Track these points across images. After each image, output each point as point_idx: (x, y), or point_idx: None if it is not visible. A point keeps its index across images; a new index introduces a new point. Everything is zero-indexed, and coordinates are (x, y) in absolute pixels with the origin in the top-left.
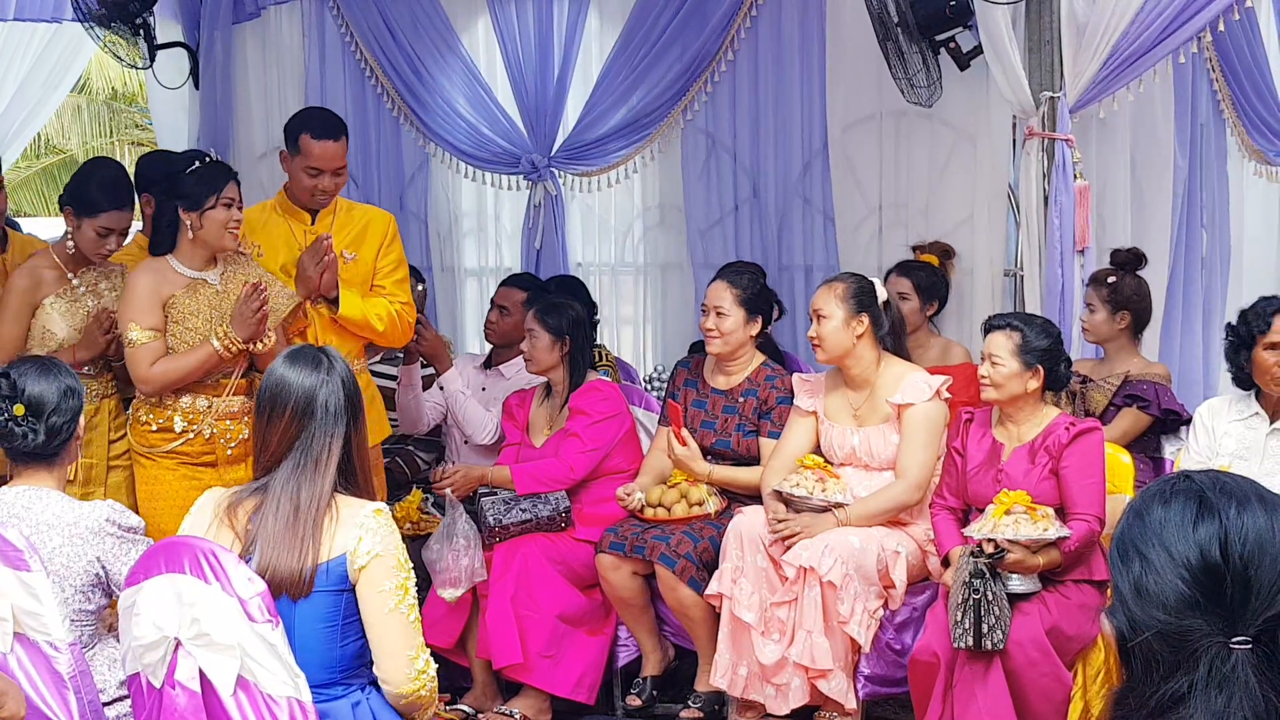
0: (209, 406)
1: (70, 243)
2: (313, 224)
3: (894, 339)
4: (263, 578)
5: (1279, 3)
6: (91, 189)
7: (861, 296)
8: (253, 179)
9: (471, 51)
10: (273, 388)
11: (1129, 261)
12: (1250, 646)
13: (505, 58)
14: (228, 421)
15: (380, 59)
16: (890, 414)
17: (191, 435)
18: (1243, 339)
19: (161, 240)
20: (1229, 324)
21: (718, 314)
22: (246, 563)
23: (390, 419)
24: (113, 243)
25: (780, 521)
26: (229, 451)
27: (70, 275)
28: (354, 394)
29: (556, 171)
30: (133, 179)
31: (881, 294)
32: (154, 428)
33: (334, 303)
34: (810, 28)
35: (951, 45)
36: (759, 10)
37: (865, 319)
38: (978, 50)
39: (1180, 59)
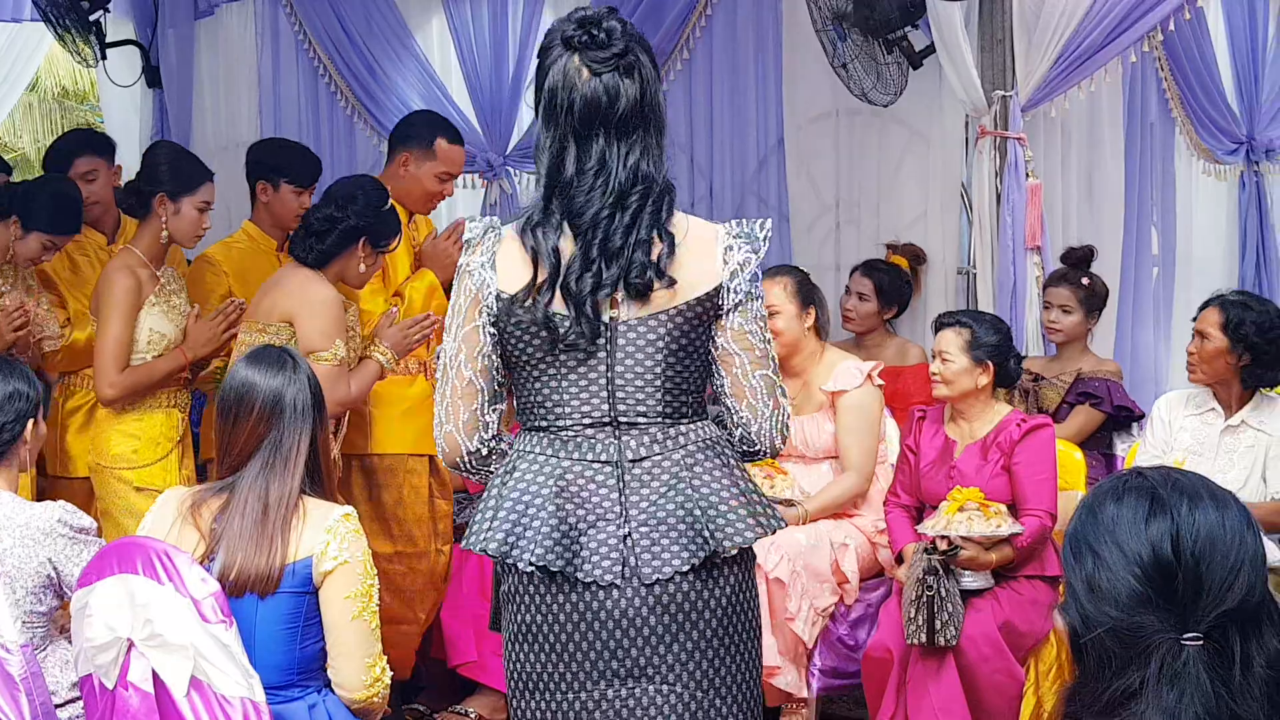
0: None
1: (164, 233)
2: (410, 223)
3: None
4: (227, 576)
5: (1228, 3)
6: (179, 166)
7: (806, 288)
8: None
9: (426, 50)
10: (238, 389)
11: (1083, 259)
12: (1201, 643)
13: (460, 56)
14: None
15: (334, 58)
16: (824, 402)
17: None
18: None
19: (324, 253)
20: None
21: None
22: (210, 562)
23: None
24: (208, 220)
25: None
26: None
27: (158, 273)
28: (318, 393)
29: (512, 170)
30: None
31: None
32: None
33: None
34: (765, 26)
35: (904, 44)
36: (714, 9)
37: (813, 312)
38: (930, 49)
39: (1131, 58)
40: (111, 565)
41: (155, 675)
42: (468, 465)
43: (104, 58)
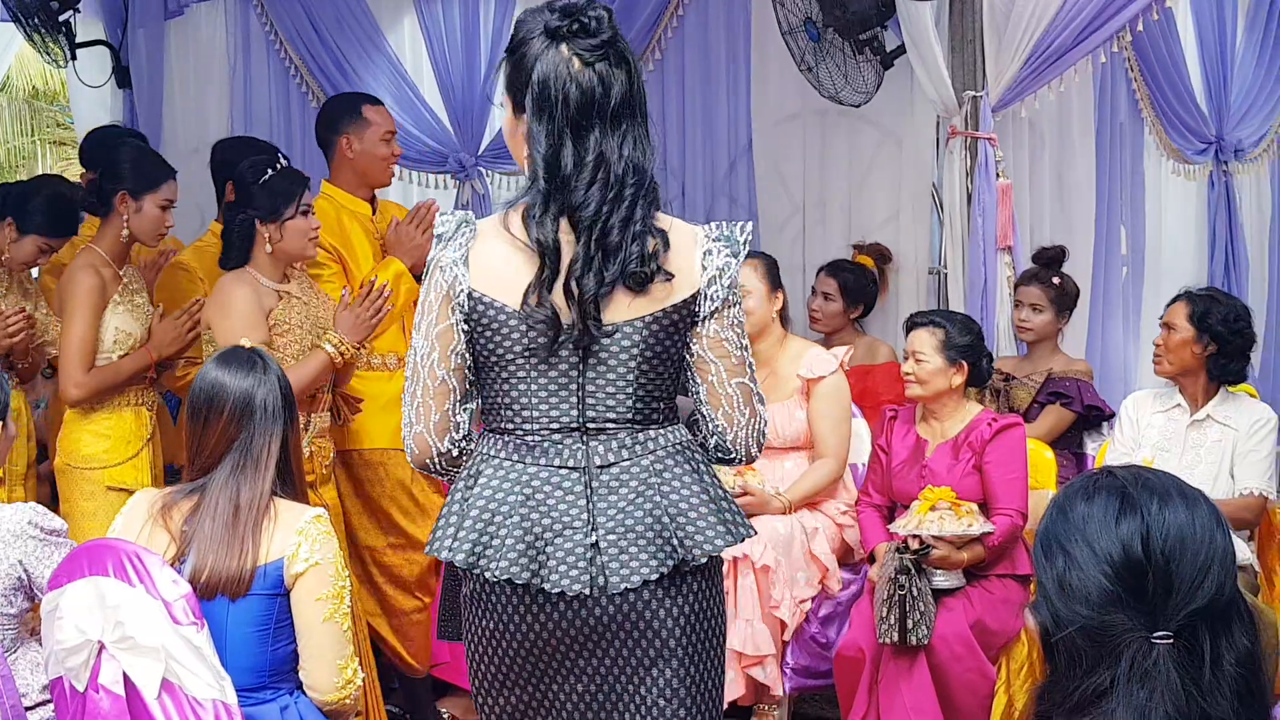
0: (306, 423)
1: (125, 232)
2: (374, 214)
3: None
4: (198, 579)
5: (1197, 3)
6: (142, 163)
7: (775, 273)
8: (180, 176)
9: (398, 50)
10: (208, 390)
11: (1054, 259)
12: (1171, 641)
13: (432, 56)
14: (321, 440)
15: (305, 57)
16: (795, 388)
17: None
18: None
19: (233, 254)
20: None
21: None
22: (181, 564)
23: None
24: (170, 218)
25: None
26: (324, 469)
27: (120, 272)
28: (289, 393)
29: (484, 170)
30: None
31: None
32: None
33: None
34: (736, 27)
35: (876, 44)
36: (685, 10)
37: (780, 295)
38: (901, 50)
39: (1100, 59)
40: (82, 567)
41: (126, 678)
42: (438, 466)
43: (74, 58)
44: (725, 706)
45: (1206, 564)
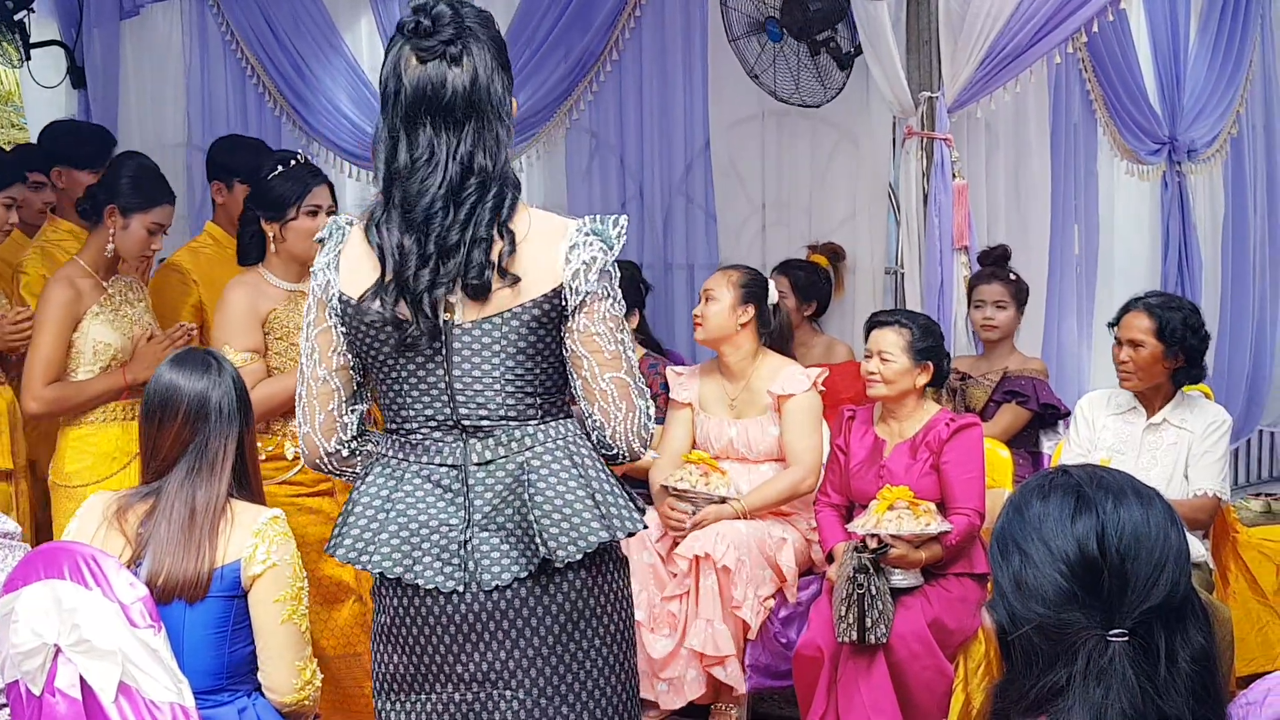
0: None
1: (110, 245)
2: None
3: (781, 341)
4: (155, 582)
5: (1150, 5)
6: (140, 182)
7: (753, 288)
8: None
9: (354, 50)
10: (162, 392)
11: (1001, 258)
12: (1127, 639)
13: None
14: None
15: (262, 58)
16: (768, 404)
17: (305, 463)
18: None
19: (247, 250)
20: (1109, 322)
21: None
22: (137, 567)
23: None
24: (159, 241)
25: (677, 514)
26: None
27: (104, 284)
28: (244, 395)
29: None
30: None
31: (773, 295)
32: (263, 456)
33: None
34: (693, 27)
35: (832, 45)
36: (643, 10)
37: (751, 309)
38: (858, 50)
39: (1055, 60)
40: (38, 570)
41: (83, 681)
42: (328, 466)
43: (28, 58)
44: (684, 704)
45: (1161, 562)
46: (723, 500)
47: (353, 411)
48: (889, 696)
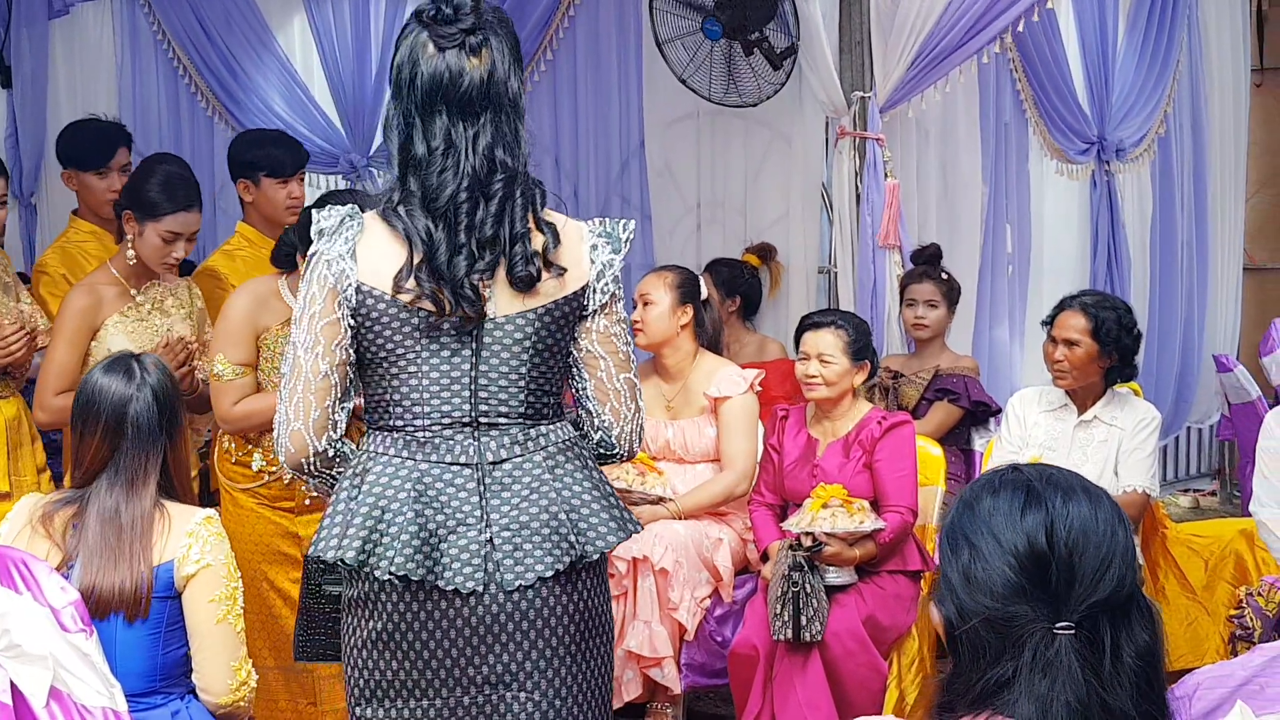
0: None
1: (131, 253)
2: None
3: (713, 337)
4: (88, 597)
5: (1079, 4)
6: (152, 188)
7: (688, 287)
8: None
9: (287, 50)
10: (86, 397)
11: (933, 257)
12: (1073, 632)
13: (322, 56)
14: None
15: (194, 57)
16: (704, 406)
17: (269, 478)
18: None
19: (278, 257)
20: (1043, 320)
21: None
22: (68, 571)
23: None
24: (180, 250)
25: None
26: (307, 501)
27: (133, 291)
28: (169, 404)
29: (376, 171)
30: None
31: (704, 291)
32: (234, 459)
33: None
34: (627, 28)
35: (765, 46)
36: (577, 10)
37: (690, 310)
38: (791, 50)
39: (984, 59)
40: None
41: (13, 686)
42: (313, 468)
43: None
44: (621, 705)
45: (1108, 557)
46: (659, 500)
47: (343, 409)
48: (824, 693)
